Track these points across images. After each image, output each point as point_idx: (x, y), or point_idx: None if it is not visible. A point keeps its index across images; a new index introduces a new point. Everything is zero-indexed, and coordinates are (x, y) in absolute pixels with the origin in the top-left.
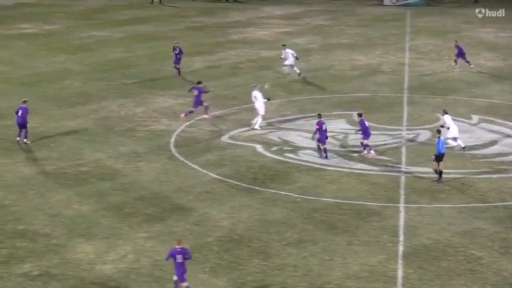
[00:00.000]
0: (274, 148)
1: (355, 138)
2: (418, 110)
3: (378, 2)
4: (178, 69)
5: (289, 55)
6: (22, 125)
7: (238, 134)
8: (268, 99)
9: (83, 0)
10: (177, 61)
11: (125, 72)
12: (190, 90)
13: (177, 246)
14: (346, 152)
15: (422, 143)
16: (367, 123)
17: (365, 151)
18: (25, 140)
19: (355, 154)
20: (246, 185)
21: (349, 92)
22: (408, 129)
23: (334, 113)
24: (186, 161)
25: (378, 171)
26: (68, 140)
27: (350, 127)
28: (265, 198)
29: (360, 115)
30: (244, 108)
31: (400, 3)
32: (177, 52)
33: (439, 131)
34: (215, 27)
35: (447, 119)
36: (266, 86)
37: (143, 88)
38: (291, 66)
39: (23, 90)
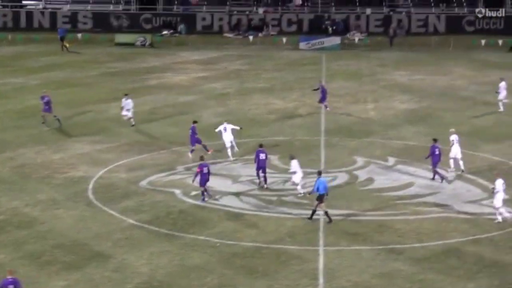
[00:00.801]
0: (193, 193)
1: (273, 182)
2: (336, 153)
3: (293, 46)
4: (57, 118)
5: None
6: None
7: (157, 179)
8: (241, 128)
9: None
10: (49, 110)
11: (41, 119)
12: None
13: (8, 277)
14: (265, 196)
15: (340, 186)
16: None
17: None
18: None
19: (274, 198)
20: (165, 231)
21: (266, 136)
22: (325, 172)
23: (252, 157)
24: (104, 208)
25: (297, 214)
26: None
27: (269, 170)
28: (184, 243)
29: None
30: (162, 153)
31: (315, 47)
32: (45, 101)
33: (319, 173)
34: (132, 72)
35: (294, 164)
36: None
37: (59, 134)
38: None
39: None
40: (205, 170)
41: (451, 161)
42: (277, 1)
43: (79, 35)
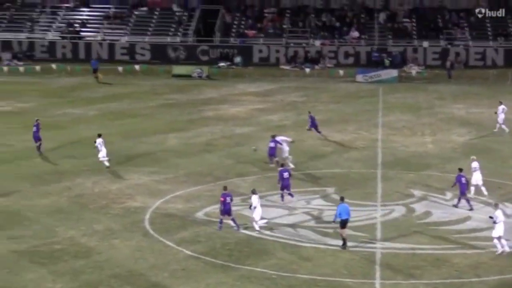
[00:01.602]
0: (250, 225)
1: (329, 214)
2: (392, 185)
3: (351, 79)
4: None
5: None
6: None
7: (213, 210)
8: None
9: (56, 78)
10: (38, 138)
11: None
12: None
13: None
14: (321, 228)
15: (396, 219)
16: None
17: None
18: None
19: (330, 230)
20: (221, 262)
21: (323, 168)
22: (382, 205)
23: (308, 189)
24: (161, 238)
25: (353, 247)
26: (42, 218)
27: (325, 203)
28: (241, 275)
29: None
30: (218, 184)
31: (372, 79)
32: (34, 130)
33: (342, 199)
34: (189, 104)
35: (254, 199)
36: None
37: (117, 165)
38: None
39: None
40: (227, 199)
41: (472, 188)
42: (334, 33)
43: (137, 66)
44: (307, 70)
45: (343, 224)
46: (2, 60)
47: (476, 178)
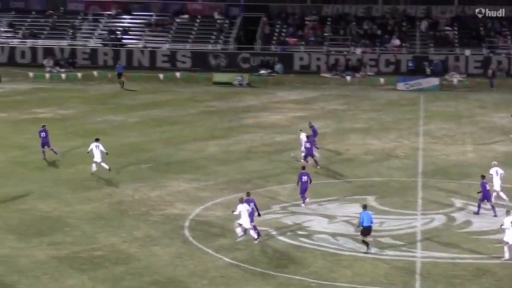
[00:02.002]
0: (289, 233)
1: None
2: (433, 194)
3: (391, 87)
4: (44, 152)
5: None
6: None
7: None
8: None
9: (97, 85)
10: (46, 143)
11: (139, 156)
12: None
13: None
14: (361, 237)
15: (437, 228)
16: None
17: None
18: None
19: (370, 239)
20: (260, 270)
21: (363, 177)
22: (422, 214)
23: (348, 197)
24: (200, 245)
25: (394, 255)
26: (82, 224)
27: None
28: (280, 283)
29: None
30: (258, 192)
31: (413, 88)
32: (43, 135)
33: (364, 206)
34: (229, 111)
35: (240, 207)
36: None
37: (157, 172)
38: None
39: (38, 174)
40: (251, 205)
41: (494, 194)
42: (375, 41)
43: (178, 73)
44: (348, 78)
45: (367, 231)
46: (44, 67)
47: (495, 183)
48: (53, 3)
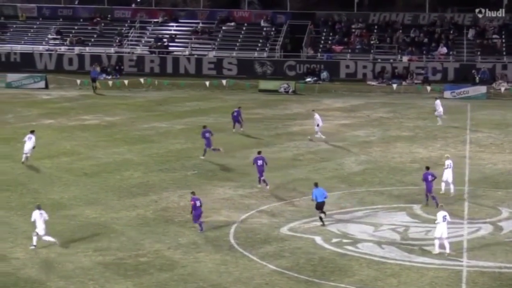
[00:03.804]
0: (334, 240)
1: (415, 231)
2: (479, 203)
3: (438, 95)
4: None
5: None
6: None
7: (298, 225)
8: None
9: (144, 92)
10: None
11: (185, 163)
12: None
13: None
14: (407, 245)
15: (484, 237)
16: None
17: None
18: None
19: (415, 248)
20: (305, 277)
21: (409, 185)
22: (469, 223)
23: (394, 205)
24: (245, 253)
25: (439, 264)
26: (128, 231)
27: (410, 219)
28: None
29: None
30: (303, 199)
31: (460, 96)
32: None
33: (316, 184)
34: (275, 119)
35: (35, 215)
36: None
37: (203, 179)
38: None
39: (84, 180)
40: (198, 203)
41: (443, 184)
42: (421, 49)
43: (224, 81)
44: (394, 86)
45: (319, 206)
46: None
47: (447, 175)
48: (100, 11)
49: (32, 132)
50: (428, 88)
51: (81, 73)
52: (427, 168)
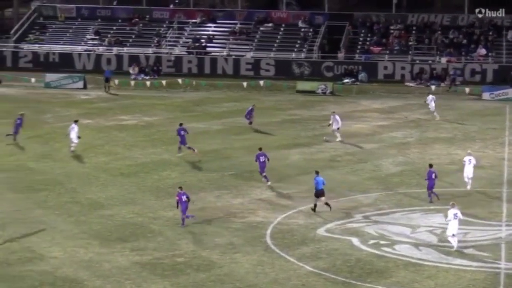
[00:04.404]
0: (371, 242)
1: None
2: None
3: (476, 97)
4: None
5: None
6: None
7: (334, 226)
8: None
9: (181, 92)
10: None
11: (222, 164)
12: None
13: None
14: (444, 247)
15: None
16: None
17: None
18: None
19: (453, 249)
20: (342, 279)
21: (447, 187)
22: (508, 225)
23: (431, 207)
24: (282, 253)
25: (477, 267)
26: (165, 231)
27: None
28: None
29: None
30: (340, 201)
31: (499, 97)
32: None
33: (317, 172)
34: (312, 120)
35: None
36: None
37: (240, 179)
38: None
39: (122, 180)
40: (184, 198)
41: (467, 181)
42: (460, 50)
43: (261, 82)
44: (433, 87)
45: (320, 193)
46: (129, 74)
47: (468, 171)
48: (139, 11)
49: (75, 122)
50: (467, 89)
51: (119, 74)
52: (430, 166)
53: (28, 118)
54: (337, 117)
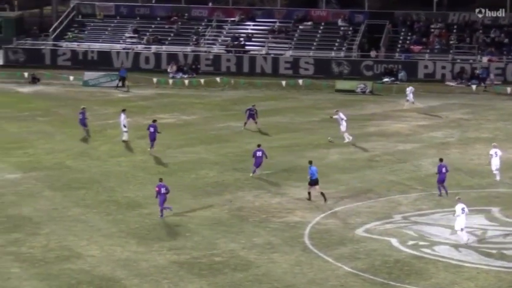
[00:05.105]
0: (410, 243)
1: (493, 235)
2: None
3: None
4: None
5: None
6: None
7: (373, 227)
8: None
9: (220, 91)
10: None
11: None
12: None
13: None
14: (485, 249)
15: None
16: None
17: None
18: None
19: (494, 251)
20: (381, 280)
21: (488, 187)
22: None
23: (472, 208)
24: (320, 254)
25: None
26: (203, 230)
27: (488, 223)
28: None
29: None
30: (379, 201)
31: None
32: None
33: (310, 162)
34: (351, 119)
35: None
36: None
37: (278, 179)
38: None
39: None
40: (162, 190)
41: (496, 173)
42: (502, 50)
43: (300, 80)
44: (474, 87)
45: (315, 182)
46: (168, 73)
47: (495, 163)
48: (177, 10)
49: (123, 111)
50: (508, 89)
51: (157, 72)
52: (441, 160)
53: (66, 116)
54: (341, 115)
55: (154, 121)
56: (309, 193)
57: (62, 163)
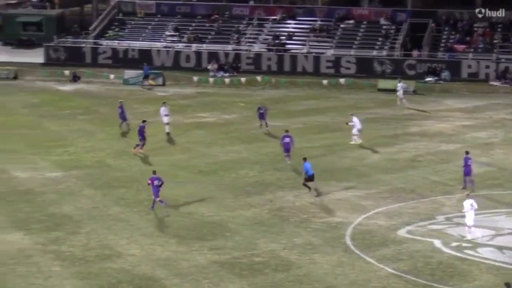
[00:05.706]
0: (453, 244)
1: None
2: None
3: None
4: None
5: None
6: None
7: (416, 228)
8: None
9: (261, 90)
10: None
11: (301, 162)
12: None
13: None
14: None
15: None
16: None
17: None
18: None
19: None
20: (423, 281)
21: None
22: None
23: None
24: (362, 255)
25: None
26: (243, 230)
27: None
28: None
29: None
30: (422, 202)
31: None
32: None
33: (304, 159)
34: (394, 119)
35: None
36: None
37: (319, 179)
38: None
39: (200, 178)
40: (155, 182)
41: None
42: None
43: (342, 80)
44: None
45: (311, 178)
46: (208, 71)
47: None
48: (218, 8)
49: (164, 103)
50: None
51: (198, 70)
52: (467, 152)
53: (106, 115)
54: (355, 119)
55: (144, 121)
56: (307, 186)
57: (102, 162)
